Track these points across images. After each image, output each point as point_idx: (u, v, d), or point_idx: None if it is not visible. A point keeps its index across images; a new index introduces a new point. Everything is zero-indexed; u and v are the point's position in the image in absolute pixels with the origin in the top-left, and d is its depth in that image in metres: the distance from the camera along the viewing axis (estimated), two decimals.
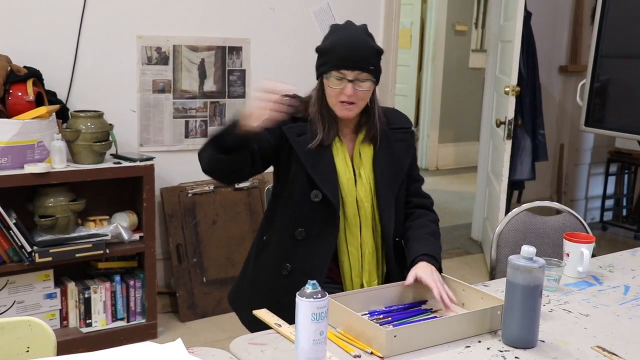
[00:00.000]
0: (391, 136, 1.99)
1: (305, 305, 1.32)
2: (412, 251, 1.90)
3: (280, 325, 1.57)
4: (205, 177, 3.59)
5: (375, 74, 1.88)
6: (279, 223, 1.98)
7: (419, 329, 1.50)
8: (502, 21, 4.43)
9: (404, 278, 1.80)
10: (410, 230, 1.99)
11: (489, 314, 1.59)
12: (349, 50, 1.85)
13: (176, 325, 3.42)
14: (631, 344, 1.56)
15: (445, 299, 1.69)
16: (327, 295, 1.35)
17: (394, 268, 1.98)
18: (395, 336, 1.44)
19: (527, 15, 4.40)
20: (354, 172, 1.95)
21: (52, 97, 3.05)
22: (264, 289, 1.98)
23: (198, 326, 3.42)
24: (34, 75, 2.94)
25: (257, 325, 1.65)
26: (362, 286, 1.94)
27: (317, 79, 1.95)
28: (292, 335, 1.48)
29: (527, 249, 1.50)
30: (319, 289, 1.34)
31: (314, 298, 1.32)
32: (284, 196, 1.98)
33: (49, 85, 3.07)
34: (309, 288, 1.34)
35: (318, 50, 1.92)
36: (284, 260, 1.95)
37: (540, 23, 4.80)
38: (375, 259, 1.97)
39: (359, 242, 1.95)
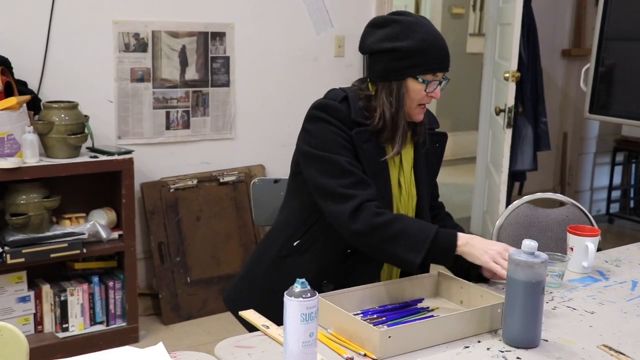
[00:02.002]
0: (427, 138, 1.97)
1: (293, 305, 1.32)
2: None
3: (268, 327, 1.57)
4: (188, 171, 3.61)
5: None
6: (323, 234, 1.88)
7: (414, 329, 1.50)
8: (501, 3, 4.43)
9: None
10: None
11: (488, 312, 1.58)
12: (445, 51, 1.83)
13: (159, 329, 3.41)
14: (639, 342, 1.56)
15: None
16: (317, 294, 1.34)
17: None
18: (389, 337, 1.44)
19: None
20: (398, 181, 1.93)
21: (22, 87, 3.03)
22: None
23: (182, 329, 3.42)
24: (2, 63, 2.92)
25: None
26: None
27: (393, 80, 1.83)
28: (280, 337, 1.47)
29: (529, 243, 1.50)
30: (308, 287, 1.33)
31: (303, 297, 1.32)
32: None
33: (18, 74, 3.04)
34: (297, 287, 1.33)
35: (400, 49, 1.80)
36: (323, 275, 1.87)
37: (541, 4, 4.80)
38: (402, 273, 1.96)
39: None
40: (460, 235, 1.75)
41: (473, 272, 1.85)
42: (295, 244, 1.91)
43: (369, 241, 1.76)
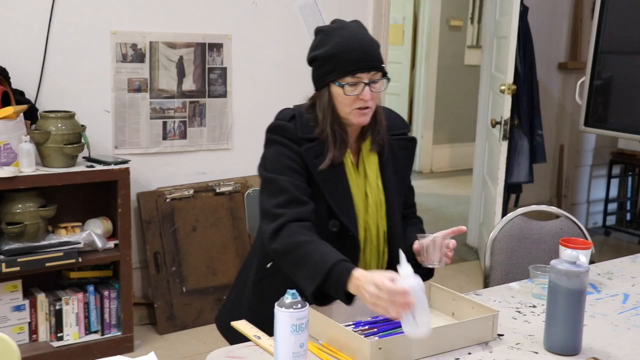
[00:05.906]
0: (394, 144, 1.95)
1: (284, 316, 1.33)
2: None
3: (259, 337, 1.57)
4: (184, 182, 3.62)
5: (384, 70, 1.85)
6: None
7: (405, 341, 1.50)
8: (498, 16, 4.45)
9: None
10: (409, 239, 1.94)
11: (479, 324, 1.59)
12: (361, 51, 1.79)
13: (154, 338, 3.41)
14: (630, 355, 1.57)
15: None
16: (308, 305, 1.35)
17: None
18: (380, 348, 1.45)
19: (524, 10, 4.42)
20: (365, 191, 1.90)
21: (19, 97, 3.04)
22: (268, 317, 1.65)
23: (177, 339, 3.41)
24: (0, 72, 2.93)
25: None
26: None
27: (320, 88, 1.85)
28: (271, 347, 1.48)
29: (570, 253, 1.56)
30: (299, 298, 1.34)
31: (294, 308, 1.33)
32: None
33: (16, 83, 3.06)
34: (288, 298, 1.34)
35: (318, 57, 1.83)
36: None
37: (537, 18, 4.83)
38: None
39: (363, 268, 1.93)
40: (355, 275, 1.58)
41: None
42: (268, 265, 1.91)
43: (283, 261, 1.75)
